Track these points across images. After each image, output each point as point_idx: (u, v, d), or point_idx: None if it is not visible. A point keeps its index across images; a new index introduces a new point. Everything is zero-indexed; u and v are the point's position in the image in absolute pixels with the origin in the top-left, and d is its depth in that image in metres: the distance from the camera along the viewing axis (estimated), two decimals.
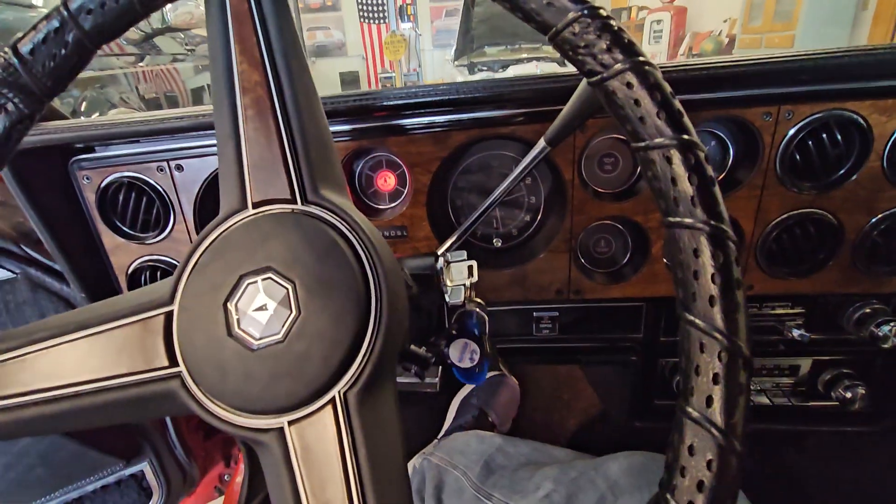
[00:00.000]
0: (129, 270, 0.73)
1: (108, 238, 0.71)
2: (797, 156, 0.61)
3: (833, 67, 0.55)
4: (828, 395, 0.76)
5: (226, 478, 1.23)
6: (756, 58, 0.56)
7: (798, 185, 0.62)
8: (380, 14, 5.60)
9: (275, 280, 0.30)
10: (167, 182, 0.67)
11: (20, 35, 0.34)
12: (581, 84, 0.47)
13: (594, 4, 0.29)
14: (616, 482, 0.63)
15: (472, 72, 5.56)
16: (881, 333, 0.66)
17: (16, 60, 0.34)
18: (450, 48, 6.12)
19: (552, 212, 0.72)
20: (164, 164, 0.66)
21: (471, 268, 0.52)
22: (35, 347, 0.32)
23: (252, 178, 0.34)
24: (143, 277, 0.74)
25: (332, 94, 0.60)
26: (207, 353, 0.30)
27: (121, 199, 0.70)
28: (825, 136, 0.60)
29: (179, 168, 0.66)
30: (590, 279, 0.70)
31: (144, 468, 0.97)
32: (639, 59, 0.28)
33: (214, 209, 0.35)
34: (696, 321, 0.26)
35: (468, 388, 1.18)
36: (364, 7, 5.57)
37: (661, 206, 0.29)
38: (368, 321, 0.30)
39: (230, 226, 0.33)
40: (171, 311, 0.32)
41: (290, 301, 0.30)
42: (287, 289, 0.30)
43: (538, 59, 4.23)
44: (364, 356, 0.30)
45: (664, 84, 0.28)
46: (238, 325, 0.30)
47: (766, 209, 0.63)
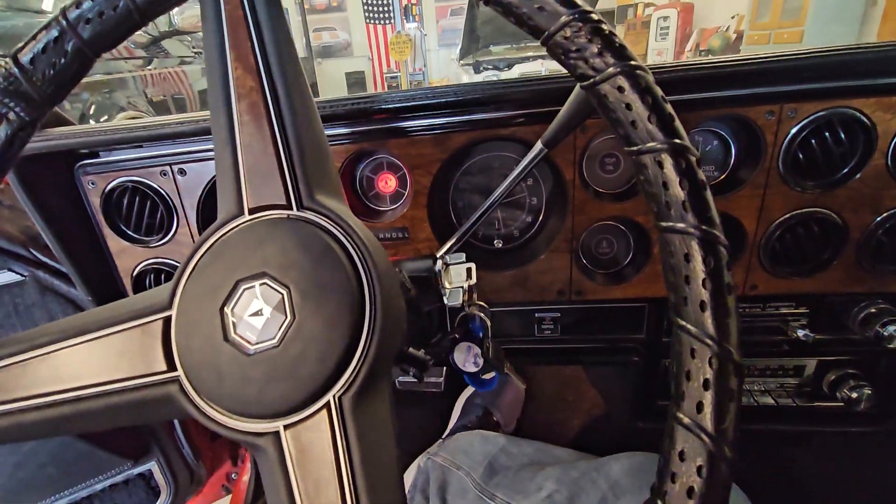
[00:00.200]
0: (134, 273, 0.74)
1: (113, 241, 0.72)
2: (800, 154, 0.60)
3: (836, 65, 0.55)
4: (833, 396, 0.75)
5: (233, 477, 1.24)
6: (758, 56, 0.55)
7: (801, 184, 0.61)
8: (385, 14, 5.60)
9: (270, 285, 0.31)
10: (170, 186, 0.68)
11: (20, 45, 0.35)
12: (576, 87, 0.47)
13: (585, 8, 0.29)
14: (617, 482, 0.63)
15: (478, 71, 5.55)
16: (886, 333, 0.65)
17: (16, 70, 0.35)
18: (455, 47, 6.11)
19: (553, 212, 0.72)
20: (168, 169, 0.67)
21: (469, 270, 0.52)
22: (37, 353, 0.33)
23: (248, 184, 0.34)
24: (148, 280, 0.75)
25: (332, 98, 0.61)
26: (205, 358, 0.31)
27: (125, 203, 0.71)
28: (828, 135, 0.59)
29: (182, 172, 0.67)
30: (591, 280, 0.70)
31: (152, 467, 0.98)
32: (630, 63, 0.28)
33: (217, 212, 0.35)
34: (688, 326, 0.26)
35: (473, 388, 1.18)
36: (369, 8, 5.58)
37: (654, 210, 0.28)
38: (363, 326, 0.30)
39: (227, 231, 0.34)
40: (170, 317, 0.33)
41: (286, 306, 0.30)
42: (282, 294, 0.30)
43: (543, 58, 4.23)
44: (358, 361, 0.30)
45: (655, 88, 0.28)
46: (234, 330, 0.30)
47: (770, 208, 0.62)
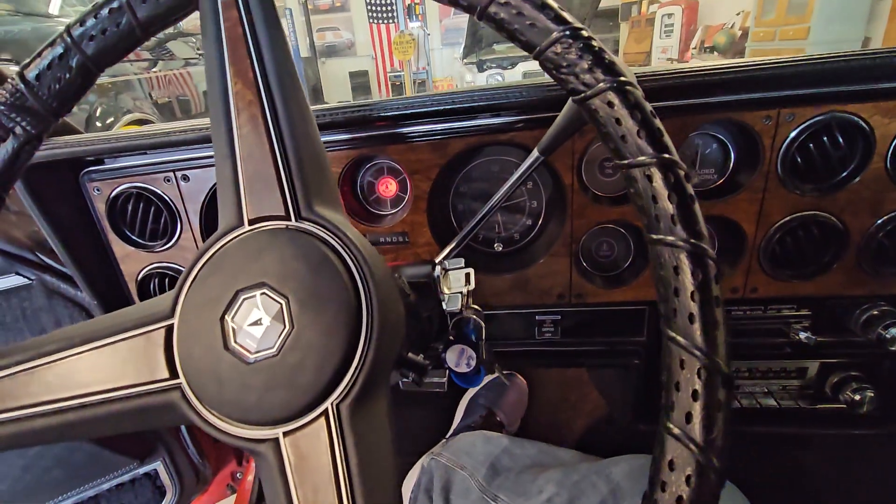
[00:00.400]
0: (139, 277, 0.75)
1: (118, 246, 0.74)
2: (798, 158, 0.60)
3: (833, 71, 0.55)
4: (835, 398, 0.75)
5: (238, 476, 1.25)
6: (754, 63, 0.56)
7: (800, 188, 0.61)
8: (388, 14, 5.61)
9: (269, 295, 0.31)
10: (174, 192, 0.69)
11: (27, 61, 0.36)
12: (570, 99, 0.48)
13: (576, 25, 0.29)
14: (618, 485, 0.63)
15: (481, 69, 5.55)
16: (889, 335, 0.64)
17: (22, 86, 0.35)
18: (459, 46, 6.11)
19: (553, 216, 0.72)
20: (171, 175, 0.68)
21: (468, 275, 0.52)
22: (43, 360, 0.34)
23: (248, 196, 0.35)
24: (153, 284, 0.76)
25: (332, 106, 0.61)
26: (205, 366, 0.31)
27: (130, 209, 0.72)
28: (826, 139, 0.59)
29: (185, 178, 0.68)
30: (591, 283, 0.70)
31: (158, 467, 0.99)
32: (619, 80, 0.28)
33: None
34: (677, 338, 0.27)
35: (476, 388, 1.19)
36: (373, 7, 5.59)
37: (644, 223, 0.29)
38: (360, 335, 0.31)
39: (227, 241, 0.34)
40: (172, 325, 0.33)
41: (284, 316, 0.31)
42: (281, 304, 0.31)
43: None
44: (356, 369, 0.30)
45: (645, 104, 0.28)
46: (234, 339, 0.31)
47: (769, 212, 0.63)
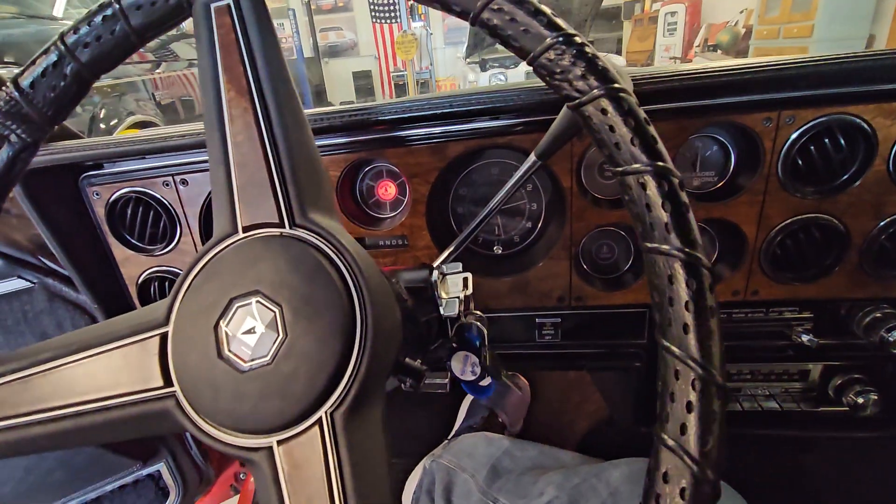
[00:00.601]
0: (139, 281, 0.75)
1: (118, 250, 0.74)
2: (799, 161, 0.60)
3: (834, 73, 0.54)
4: (838, 401, 0.75)
5: (241, 477, 1.26)
6: (754, 64, 0.55)
7: (801, 190, 0.61)
8: (391, 14, 5.61)
9: (263, 303, 0.31)
10: (173, 196, 0.69)
11: (21, 69, 0.36)
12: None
13: (569, 31, 0.29)
14: (617, 489, 0.63)
15: (484, 69, 5.55)
16: (892, 338, 0.64)
17: (17, 93, 0.36)
18: (461, 45, 6.10)
19: (553, 219, 0.72)
20: (170, 179, 0.68)
21: (466, 280, 0.52)
22: (39, 368, 0.34)
23: (242, 203, 0.35)
24: (153, 287, 0.77)
25: (329, 110, 0.61)
26: (200, 374, 0.31)
27: (129, 213, 0.72)
28: (828, 141, 0.59)
29: (184, 182, 0.68)
30: (591, 286, 0.70)
31: (161, 468, 0.99)
32: (613, 87, 0.28)
33: None
34: (672, 347, 0.26)
35: None
36: (376, 7, 5.58)
37: (638, 230, 0.29)
38: (354, 343, 0.31)
39: (221, 249, 0.34)
40: (166, 333, 0.33)
41: (278, 324, 0.31)
42: (274, 312, 0.31)
43: None
44: (350, 378, 0.30)
45: (638, 111, 0.28)
46: (228, 348, 0.31)
47: (769, 214, 0.62)
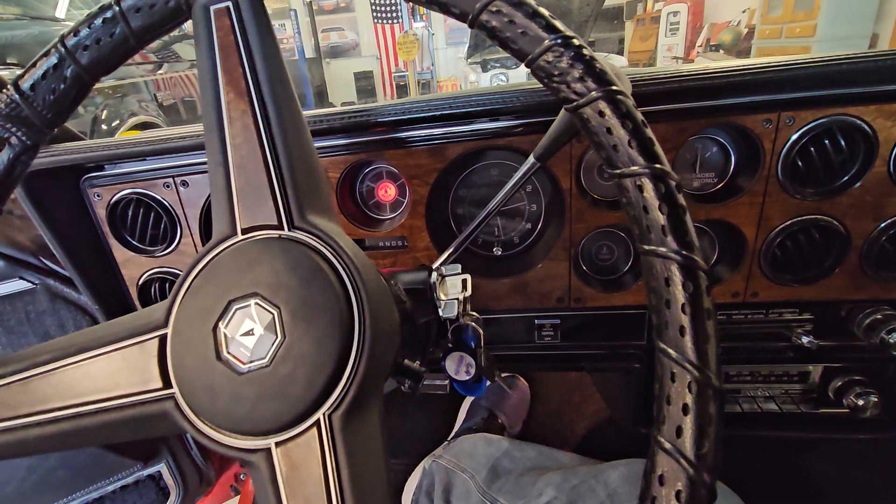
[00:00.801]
0: (140, 282, 0.76)
1: (119, 252, 0.74)
2: (799, 162, 0.60)
3: (834, 74, 0.54)
4: (839, 403, 0.74)
5: (241, 477, 1.26)
6: (754, 65, 0.55)
7: (801, 192, 0.61)
8: (393, 14, 5.61)
9: (261, 305, 0.31)
10: (173, 197, 0.69)
11: (21, 72, 0.36)
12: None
13: (567, 33, 0.29)
14: (615, 490, 0.63)
15: (485, 69, 5.54)
16: (892, 340, 0.64)
17: (17, 96, 0.36)
18: (463, 46, 6.10)
19: (552, 220, 0.72)
20: (171, 181, 0.69)
21: (465, 281, 0.52)
22: (38, 370, 0.34)
23: (241, 205, 0.35)
24: (153, 288, 0.77)
25: (330, 111, 0.61)
26: (198, 376, 0.32)
27: (130, 215, 0.72)
28: (828, 142, 0.58)
29: (185, 184, 0.68)
30: (590, 287, 0.70)
31: (162, 469, 1.00)
32: (610, 89, 0.28)
33: None
34: (668, 350, 0.26)
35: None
36: (377, 8, 5.59)
37: (636, 233, 0.29)
38: (352, 345, 0.31)
39: (220, 251, 0.35)
40: (165, 335, 0.33)
41: (276, 326, 0.31)
42: (273, 314, 0.31)
43: None
44: (348, 380, 0.30)
45: (636, 113, 0.28)
46: (227, 349, 0.31)
47: (769, 216, 0.62)
